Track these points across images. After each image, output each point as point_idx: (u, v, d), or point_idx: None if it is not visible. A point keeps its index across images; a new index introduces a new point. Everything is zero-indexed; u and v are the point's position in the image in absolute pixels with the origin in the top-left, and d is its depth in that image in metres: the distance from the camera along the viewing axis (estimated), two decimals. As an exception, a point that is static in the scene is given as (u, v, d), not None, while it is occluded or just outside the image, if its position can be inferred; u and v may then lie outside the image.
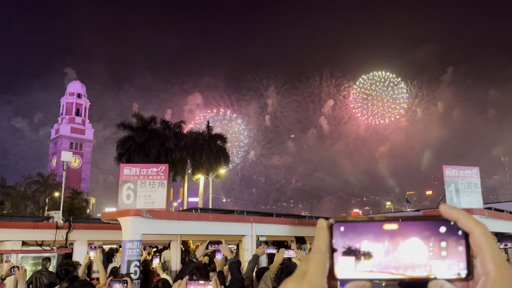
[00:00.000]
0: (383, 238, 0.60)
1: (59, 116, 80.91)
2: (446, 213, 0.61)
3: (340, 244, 0.61)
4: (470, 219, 0.60)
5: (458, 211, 0.61)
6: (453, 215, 0.61)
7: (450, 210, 0.61)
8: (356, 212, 63.38)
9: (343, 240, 0.62)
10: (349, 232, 0.62)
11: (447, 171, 9.01)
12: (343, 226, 0.62)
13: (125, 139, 37.46)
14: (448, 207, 0.62)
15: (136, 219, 7.20)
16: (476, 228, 0.59)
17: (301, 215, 15.80)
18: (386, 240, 0.60)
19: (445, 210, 0.62)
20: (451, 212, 0.61)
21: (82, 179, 75.23)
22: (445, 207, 0.62)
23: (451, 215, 0.61)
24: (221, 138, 41.22)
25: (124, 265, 7.10)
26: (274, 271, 5.12)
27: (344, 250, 0.61)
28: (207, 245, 4.93)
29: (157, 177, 7.95)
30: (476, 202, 8.98)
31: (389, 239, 0.60)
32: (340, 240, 0.62)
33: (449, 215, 0.61)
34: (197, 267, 3.72)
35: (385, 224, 0.61)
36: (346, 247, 0.61)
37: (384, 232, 0.61)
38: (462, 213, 0.61)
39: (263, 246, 6.29)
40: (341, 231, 0.62)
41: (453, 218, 0.61)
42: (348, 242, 0.61)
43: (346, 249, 0.61)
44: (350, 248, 0.61)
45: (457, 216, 0.61)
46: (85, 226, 11.06)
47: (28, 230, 9.97)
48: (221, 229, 9.03)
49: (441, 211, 0.62)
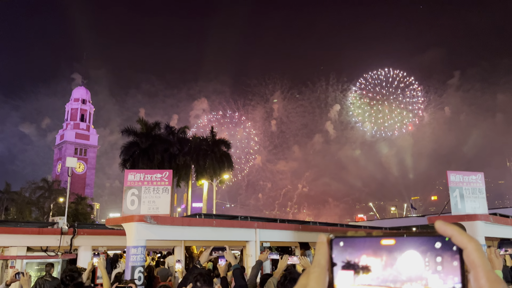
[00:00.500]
0: (381, 253, 0.63)
1: (64, 122, 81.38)
2: (441, 230, 0.64)
3: (340, 259, 0.64)
4: (463, 235, 0.63)
5: (452, 227, 0.63)
6: (448, 231, 0.63)
7: (444, 226, 0.64)
8: (360, 217, 63.09)
9: (342, 255, 0.64)
10: (348, 247, 0.65)
11: (452, 176, 8.97)
12: (342, 241, 0.65)
13: (129, 144, 37.60)
14: (443, 223, 0.64)
15: (140, 225, 7.22)
16: (470, 244, 0.62)
17: (305, 220, 15.78)
18: (384, 255, 0.63)
19: (440, 226, 0.64)
20: (445, 229, 0.63)
21: (87, 185, 75.45)
22: (440, 224, 0.64)
23: (445, 232, 0.63)
24: (225, 144, 41.26)
25: (128, 270, 7.11)
26: (278, 277, 5.11)
27: (343, 264, 0.64)
28: (211, 251, 4.93)
29: (161, 183, 7.98)
30: (481, 207, 8.93)
31: (387, 254, 0.63)
32: (339, 254, 0.64)
33: (443, 231, 0.63)
34: (200, 273, 3.72)
35: (383, 239, 0.64)
36: (345, 261, 0.64)
37: (381, 247, 0.63)
38: (456, 229, 0.63)
39: (266, 252, 6.28)
40: (340, 246, 0.65)
41: (447, 234, 0.63)
42: (347, 256, 0.64)
43: (345, 263, 0.64)
44: (349, 263, 0.64)
45: (451, 232, 0.63)
46: (90, 232, 11.09)
47: (33, 236, 10.01)
48: (225, 234, 9.03)
49: (436, 227, 0.64)
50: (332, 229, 12.12)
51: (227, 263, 5.40)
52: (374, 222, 40.17)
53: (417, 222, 30.48)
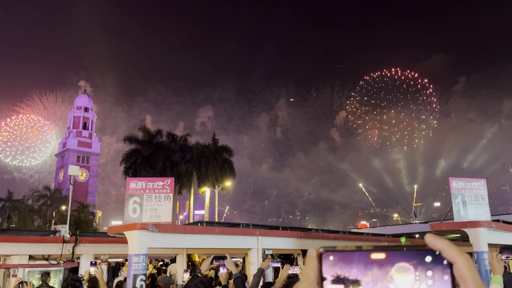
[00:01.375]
0: (371, 267, 0.63)
1: (67, 130, 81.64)
2: (431, 243, 0.63)
3: (330, 273, 0.63)
4: (453, 249, 0.62)
5: (442, 241, 0.63)
6: (437, 245, 0.63)
7: (434, 240, 0.63)
8: (363, 224, 62.74)
9: (332, 269, 0.64)
10: (338, 261, 0.64)
11: (454, 183, 8.95)
12: (332, 255, 0.64)
13: (131, 152, 37.65)
14: (433, 237, 0.64)
15: (142, 233, 7.22)
16: (460, 259, 0.62)
17: (307, 228, 15.73)
18: (374, 268, 0.62)
19: (430, 240, 0.64)
20: (435, 243, 0.63)
21: (89, 193, 75.43)
22: (430, 237, 0.64)
23: (435, 245, 0.63)
24: (227, 151, 41.26)
25: (130, 279, 7.10)
26: (279, 286, 5.10)
27: (333, 279, 0.63)
28: (212, 260, 4.92)
29: (163, 191, 7.99)
30: (483, 214, 8.89)
31: (377, 267, 0.62)
32: (329, 268, 0.64)
33: (433, 245, 0.63)
34: (202, 281, 3.71)
35: (373, 253, 0.63)
36: (335, 275, 0.63)
37: (371, 261, 0.63)
38: (446, 243, 0.63)
39: (268, 260, 6.26)
40: (330, 260, 0.64)
41: (437, 248, 0.63)
42: (337, 271, 0.63)
43: (335, 278, 0.63)
44: (339, 277, 0.63)
45: (441, 246, 0.63)
46: (92, 240, 11.09)
47: (35, 244, 10.02)
48: (227, 242, 9.01)
49: (426, 241, 0.64)
50: (334, 236, 12.08)
51: (228, 271, 5.39)
52: (376, 229, 40.00)
53: (420, 229, 30.33)
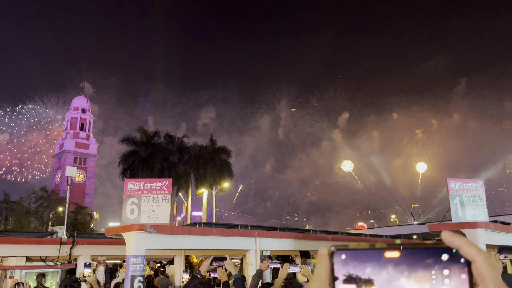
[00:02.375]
0: (385, 266, 0.60)
1: (64, 131, 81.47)
2: (448, 241, 0.61)
3: (341, 272, 0.61)
4: (472, 247, 0.60)
5: (460, 238, 0.61)
6: (455, 243, 0.61)
7: (452, 237, 0.61)
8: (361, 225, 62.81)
9: (344, 268, 0.61)
10: (350, 260, 0.62)
11: (452, 184, 8.96)
12: (344, 254, 0.62)
13: (128, 153, 37.59)
14: (450, 234, 0.61)
15: (140, 234, 7.19)
16: (479, 257, 0.59)
17: (306, 229, 15.72)
18: (388, 268, 0.60)
19: (447, 237, 0.61)
20: (453, 240, 0.61)
21: (86, 194, 75.25)
22: (447, 235, 0.62)
23: (453, 243, 0.61)
24: (224, 152, 41.25)
25: (128, 280, 7.07)
26: (278, 287, 5.08)
27: (345, 278, 0.61)
28: (211, 261, 4.90)
29: (161, 192, 7.96)
30: (481, 215, 8.90)
31: (391, 267, 0.60)
32: (341, 268, 0.62)
33: (451, 242, 0.61)
34: (201, 282, 3.69)
35: (387, 252, 0.61)
36: (347, 275, 0.61)
37: (385, 260, 0.61)
38: (464, 241, 0.61)
39: (267, 261, 6.25)
40: (342, 259, 0.62)
41: (455, 246, 0.60)
42: (349, 270, 0.61)
43: (347, 277, 0.61)
44: (351, 276, 0.61)
45: (459, 244, 0.60)
46: (89, 241, 11.04)
47: (32, 246, 9.96)
48: (225, 243, 8.99)
49: (443, 239, 0.62)
50: (332, 237, 12.07)
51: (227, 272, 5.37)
52: (374, 230, 40.04)
53: (418, 230, 30.40)
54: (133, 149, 37.70)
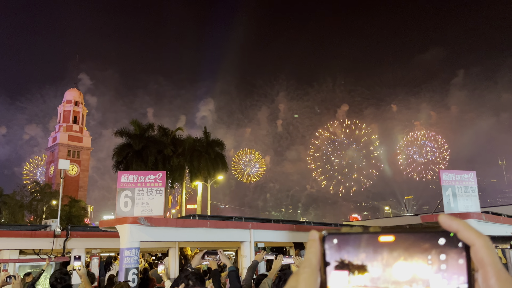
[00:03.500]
0: (379, 251, 0.57)
1: (56, 124, 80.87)
2: (445, 224, 0.57)
3: (333, 258, 0.58)
4: (471, 230, 0.56)
5: (458, 222, 0.57)
6: (453, 226, 0.57)
7: (450, 220, 0.57)
8: (354, 217, 63.22)
9: (336, 253, 0.58)
10: (342, 245, 0.58)
11: (444, 175, 9.04)
12: (336, 239, 0.58)
13: (122, 146, 37.41)
14: (447, 217, 0.57)
15: (134, 226, 7.19)
16: (478, 241, 0.55)
17: (299, 220, 15.79)
18: (382, 253, 0.57)
19: (445, 220, 0.57)
20: (451, 223, 0.57)
21: (80, 187, 74.88)
22: (445, 218, 0.57)
23: (450, 226, 0.57)
24: (218, 144, 41.21)
25: (122, 273, 7.07)
26: (273, 278, 5.11)
27: (337, 264, 0.57)
28: (203, 255, 4.90)
29: (154, 184, 7.94)
30: (473, 206, 9.00)
31: (385, 252, 0.57)
32: (333, 253, 0.58)
33: (448, 226, 0.57)
34: (193, 272, 3.70)
35: (381, 236, 0.57)
36: (339, 260, 0.57)
37: (379, 244, 0.57)
38: (462, 224, 0.56)
39: (262, 253, 6.27)
40: (334, 244, 0.58)
41: (453, 229, 0.56)
42: (342, 255, 0.57)
43: (340, 263, 0.57)
44: (344, 262, 0.57)
45: (457, 227, 0.56)
46: (83, 234, 11.02)
47: (25, 239, 9.93)
48: (219, 235, 9.01)
49: (440, 222, 0.58)
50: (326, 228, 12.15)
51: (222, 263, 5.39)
52: (368, 222, 40.37)
53: (411, 221, 30.68)
54: (127, 141, 37.55)
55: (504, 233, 9.72)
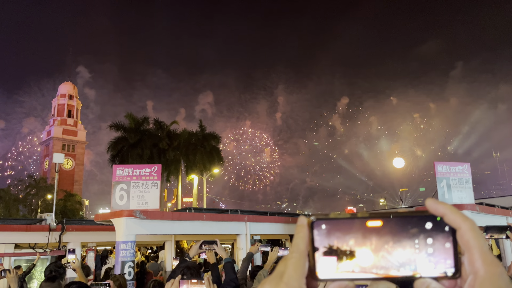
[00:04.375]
0: (367, 235, 0.57)
1: (51, 118, 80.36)
2: (432, 208, 0.58)
3: (322, 243, 0.58)
4: (457, 214, 0.57)
5: (444, 205, 0.58)
6: (440, 210, 0.57)
7: (436, 204, 0.58)
8: (350, 210, 63.55)
9: (324, 239, 0.58)
10: (331, 230, 0.58)
11: (439, 167, 9.09)
12: (324, 224, 0.58)
13: (117, 140, 37.31)
14: (434, 201, 0.58)
15: (130, 220, 7.18)
16: (464, 224, 0.56)
17: (295, 213, 15.84)
18: (370, 238, 0.57)
19: (431, 205, 0.58)
20: (437, 207, 0.58)
21: (75, 181, 74.64)
22: (431, 202, 0.58)
23: (437, 210, 0.57)
24: (214, 138, 41.17)
25: (118, 266, 7.08)
26: (268, 270, 5.14)
27: (325, 250, 0.57)
28: (200, 244, 4.91)
29: (150, 178, 7.93)
30: (467, 197, 9.07)
31: (373, 237, 0.57)
32: (321, 238, 0.58)
33: (435, 210, 0.58)
34: (188, 266, 3.69)
35: (369, 221, 0.57)
36: (327, 246, 0.57)
37: (367, 229, 0.57)
38: (449, 207, 0.57)
39: (257, 245, 6.30)
40: (322, 229, 0.58)
41: (439, 213, 0.57)
42: (330, 240, 0.57)
43: (328, 248, 0.57)
44: (332, 247, 0.57)
45: (444, 211, 0.57)
46: (79, 228, 11.00)
47: (20, 233, 9.90)
48: (215, 228, 9.03)
49: (427, 206, 0.58)
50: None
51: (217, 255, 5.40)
52: (363, 214, 40.70)
53: (406, 213, 30.99)
54: (122, 135, 37.43)
55: (499, 223, 9.81)
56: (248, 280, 5.84)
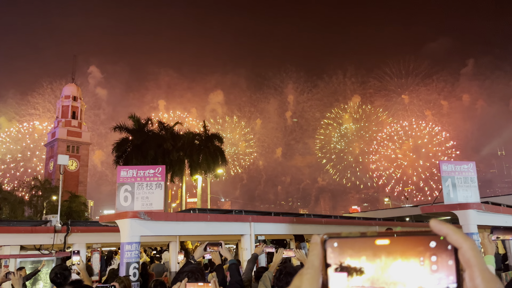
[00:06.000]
0: (375, 253, 0.62)
1: (55, 120, 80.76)
2: (436, 229, 0.63)
3: (333, 260, 0.63)
4: (459, 234, 0.63)
5: (447, 226, 0.63)
6: (443, 230, 0.63)
7: (439, 225, 0.63)
8: (354, 209, 63.47)
9: (336, 256, 0.63)
10: (342, 248, 0.63)
11: (444, 166, 9.03)
12: (336, 242, 0.64)
13: (121, 141, 37.43)
14: (438, 222, 0.64)
15: (134, 221, 7.19)
16: (465, 244, 0.62)
17: (300, 213, 15.84)
18: (378, 255, 0.62)
19: (435, 225, 0.64)
20: (441, 228, 0.63)
21: (80, 182, 74.97)
22: (435, 223, 0.64)
23: (440, 231, 0.63)
24: (218, 138, 41.23)
25: (123, 267, 7.09)
26: (273, 271, 5.13)
27: (337, 266, 0.63)
28: (205, 246, 4.91)
29: (154, 179, 7.93)
30: (473, 196, 9.00)
31: (383, 254, 0.62)
32: (333, 255, 0.63)
33: (438, 230, 0.63)
34: (191, 271, 3.67)
35: (377, 239, 0.63)
36: (338, 262, 0.63)
37: (376, 247, 0.62)
38: (451, 228, 0.63)
39: (261, 245, 6.29)
40: (334, 247, 0.63)
41: (442, 233, 0.63)
42: (341, 257, 0.63)
43: (339, 265, 0.63)
44: (342, 264, 0.63)
45: (447, 231, 0.63)
46: (84, 229, 11.03)
47: (26, 235, 9.94)
48: (219, 229, 9.02)
49: (431, 227, 0.64)
50: (326, 221, 12.18)
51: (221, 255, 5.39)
52: (368, 213, 40.48)
53: (411, 212, 30.73)
54: (125, 136, 37.57)
55: (504, 223, 9.74)
56: (253, 282, 5.83)
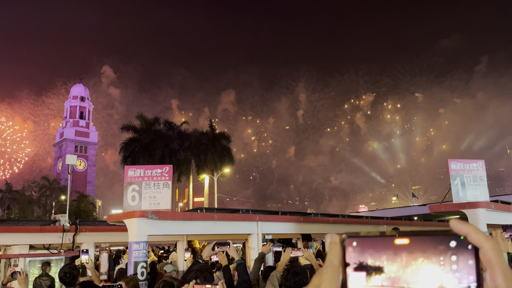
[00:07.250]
0: (394, 252, 0.62)
1: (63, 120, 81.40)
2: (456, 228, 0.63)
3: (352, 259, 0.63)
4: (480, 234, 0.62)
5: (468, 226, 0.63)
6: (463, 230, 0.62)
7: (460, 225, 0.63)
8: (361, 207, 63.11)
9: (355, 255, 0.63)
10: (361, 247, 0.63)
11: (452, 164, 8.95)
12: (355, 241, 0.64)
13: (129, 141, 37.62)
14: (458, 222, 0.63)
15: (142, 220, 7.22)
16: (486, 243, 0.61)
17: (307, 212, 15.79)
18: (397, 254, 0.62)
19: (455, 225, 0.63)
20: (461, 228, 0.63)
21: (88, 182, 75.52)
22: (455, 222, 0.63)
23: (461, 230, 0.62)
24: (225, 137, 41.28)
25: (131, 266, 7.12)
26: (281, 271, 5.11)
27: (356, 265, 0.63)
28: (213, 246, 4.90)
29: (161, 178, 7.96)
30: (482, 195, 8.91)
31: (400, 253, 0.62)
32: (352, 255, 0.63)
33: (459, 230, 0.63)
34: (200, 270, 3.66)
35: (397, 239, 0.63)
36: (358, 262, 0.63)
37: (395, 246, 0.62)
38: (472, 228, 0.63)
39: (269, 245, 6.28)
40: (353, 246, 0.64)
41: (463, 233, 0.62)
42: (361, 257, 0.63)
43: (358, 264, 0.63)
44: (362, 263, 0.63)
45: (467, 231, 0.62)
46: (92, 229, 11.11)
47: (35, 234, 10.03)
48: (226, 228, 9.03)
49: (451, 226, 0.64)
50: (333, 220, 12.13)
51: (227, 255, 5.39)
52: (376, 212, 40.29)
53: (419, 211, 30.54)
54: (133, 136, 37.74)
55: (514, 222, 9.65)
56: (260, 281, 5.82)
